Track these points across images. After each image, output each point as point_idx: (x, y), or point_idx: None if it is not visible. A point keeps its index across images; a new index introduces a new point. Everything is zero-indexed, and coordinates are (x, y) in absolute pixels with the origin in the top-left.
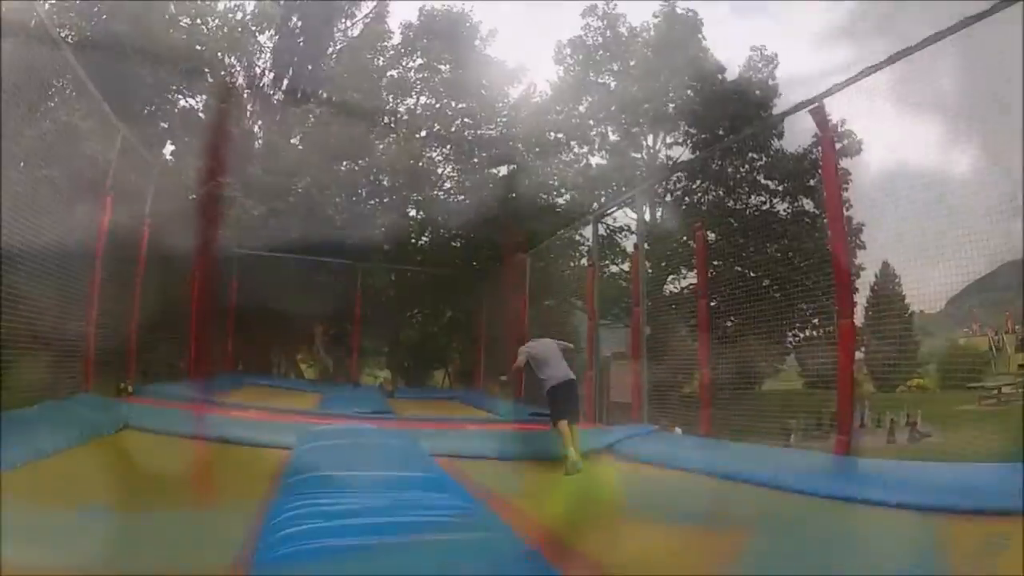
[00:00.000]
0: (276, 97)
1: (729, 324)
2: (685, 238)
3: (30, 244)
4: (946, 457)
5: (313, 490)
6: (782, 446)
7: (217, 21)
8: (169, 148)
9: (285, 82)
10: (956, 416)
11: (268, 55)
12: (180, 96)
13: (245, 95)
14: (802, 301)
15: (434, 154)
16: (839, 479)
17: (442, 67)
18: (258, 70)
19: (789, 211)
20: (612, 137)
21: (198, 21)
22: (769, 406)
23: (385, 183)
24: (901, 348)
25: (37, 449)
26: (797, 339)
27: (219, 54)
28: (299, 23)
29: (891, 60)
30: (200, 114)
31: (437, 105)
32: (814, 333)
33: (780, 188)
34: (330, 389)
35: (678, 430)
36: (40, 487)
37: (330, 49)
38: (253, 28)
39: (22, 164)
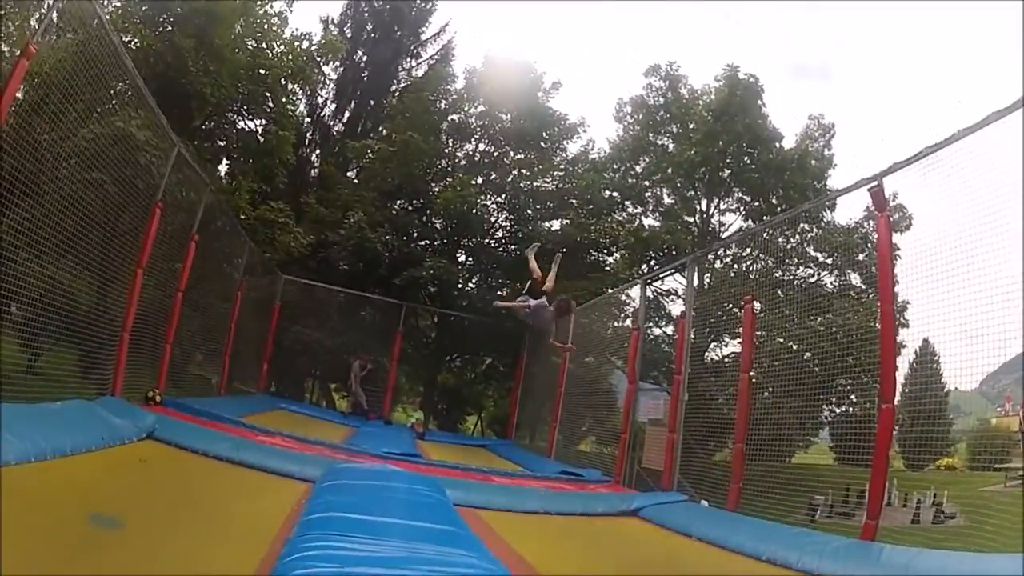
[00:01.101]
0: (336, 128)
1: (767, 395)
2: (731, 307)
3: (73, 241)
4: (969, 542)
5: (331, 531)
6: (808, 522)
7: (283, 47)
8: (224, 167)
9: (346, 115)
10: (981, 498)
11: (331, 86)
12: (239, 117)
13: (305, 123)
14: (841, 376)
15: (488, 201)
16: (867, 567)
17: (503, 116)
18: (320, 100)
19: (836, 285)
20: (667, 199)
21: (263, 45)
22: (798, 479)
23: (437, 225)
24: (934, 428)
25: (56, 448)
26: (833, 414)
27: (282, 80)
28: (364, 57)
29: (949, 141)
30: (259, 137)
31: (495, 153)
32: (850, 409)
33: (829, 261)
34: (361, 424)
35: (704, 503)
36: (53, 487)
37: (393, 87)
38: (318, 58)
39: (74, 161)
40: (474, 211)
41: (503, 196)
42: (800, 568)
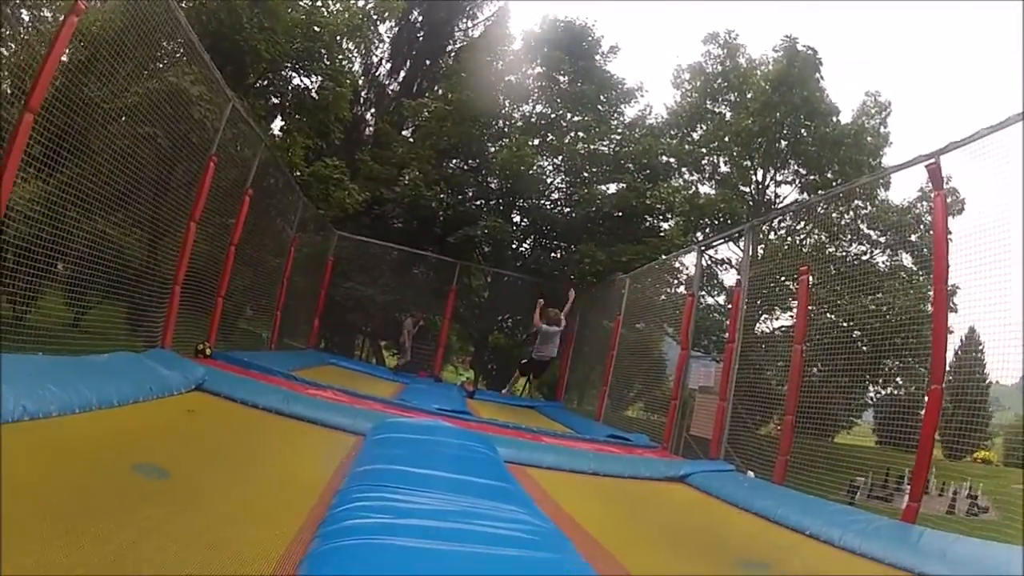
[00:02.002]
0: (391, 88)
1: (815, 371)
2: (783, 279)
3: (124, 196)
4: (1001, 536)
5: (383, 483)
6: (847, 502)
7: (339, 5)
8: (277, 124)
9: (401, 74)
10: (1014, 495)
11: (386, 46)
12: (294, 74)
13: (360, 81)
14: (889, 357)
15: (545, 163)
16: (906, 549)
17: (561, 78)
18: (375, 59)
19: (887, 264)
20: (722, 168)
21: (319, 3)
22: (841, 459)
23: (492, 185)
24: (975, 418)
25: (102, 398)
26: (878, 395)
27: (338, 37)
28: (419, 18)
29: (1008, 122)
30: (313, 94)
31: (552, 115)
32: (896, 392)
33: (882, 239)
34: (411, 380)
35: (751, 474)
36: (98, 437)
37: (449, 47)
38: (374, 16)
39: (124, 119)
40: (530, 172)
41: (560, 158)
42: (842, 545)
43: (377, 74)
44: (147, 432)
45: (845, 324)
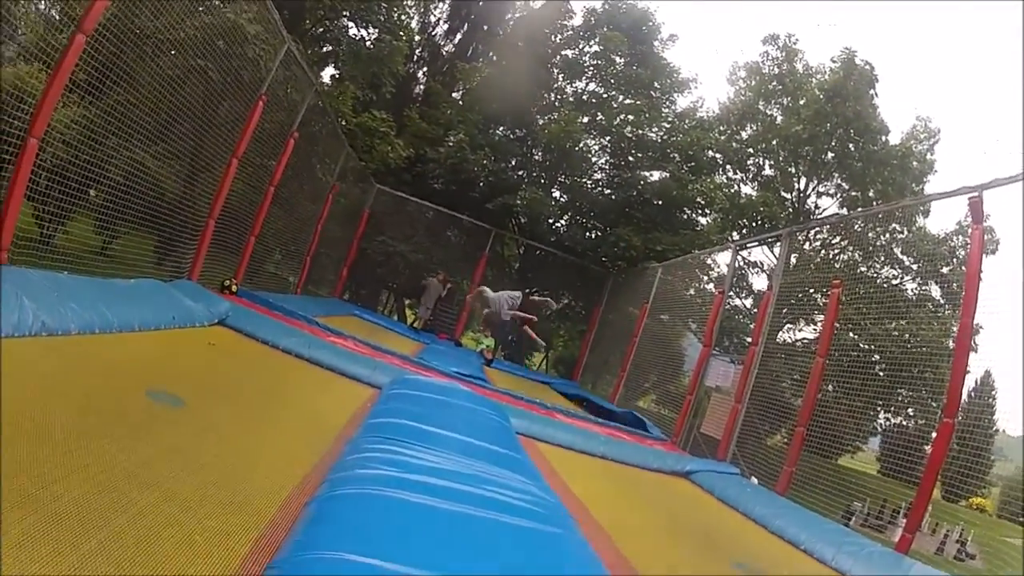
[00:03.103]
0: (446, 49)
1: (829, 389)
2: (812, 291)
3: (166, 128)
4: None
5: (396, 437)
6: (842, 526)
7: None
8: (329, 72)
9: (458, 37)
10: (1000, 546)
11: (446, 6)
12: (351, 24)
13: (416, 39)
14: (903, 387)
15: (592, 142)
16: None
17: (617, 59)
18: (432, 18)
19: (916, 293)
20: (767, 171)
21: None
22: (841, 482)
23: (537, 157)
24: (977, 463)
25: (123, 322)
26: (888, 423)
27: None
28: None
29: None
30: (369, 45)
31: (604, 95)
32: (905, 423)
33: (914, 267)
34: (431, 341)
35: (754, 480)
36: (116, 359)
37: (509, 16)
38: None
39: (173, 52)
40: (576, 148)
41: (607, 139)
42: (834, 565)
43: (433, 34)
44: (165, 360)
45: (865, 346)
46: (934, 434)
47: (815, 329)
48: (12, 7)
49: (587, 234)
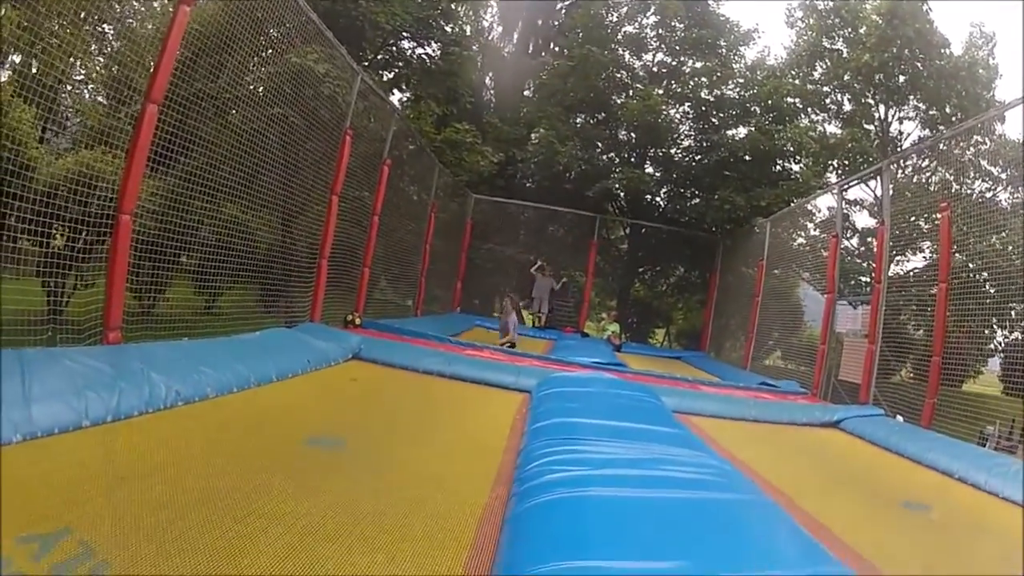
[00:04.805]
0: (506, 50)
1: (947, 314)
2: (913, 219)
3: (254, 174)
4: None
5: (566, 436)
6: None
7: None
8: (398, 96)
9: (515, 35)
10: None
11: (495, 9)
12: (413, 43)
13: (475, 48)
14: (1014, 300)
15: (673, 112)
16: None
17: (678, 24)
18: (484, 23)
19: (1010, 202)
20: (846, 106)
21: None
22: (971, 407)
23: (622, 137)
24: None
25: (260, 375)
26: (1005, 339)
27: (451, 3)
28: None
29: None
30: (436, 61)
31: (673, 63)
32: (1021, 336)
33: (1003, 176)
34: (559, 337)
35: (899, 418)
36: (263, 413)
37: (559, 6)
38: None
39: (245, 106)
40: (659, 121)
41: (687, 105)
42: (987, 488)
43: (490, 37)
44: (312, 404)
45: (973, 265)
46: None
47: (924, 257)
48: (57, 97)
49: (688, 203)
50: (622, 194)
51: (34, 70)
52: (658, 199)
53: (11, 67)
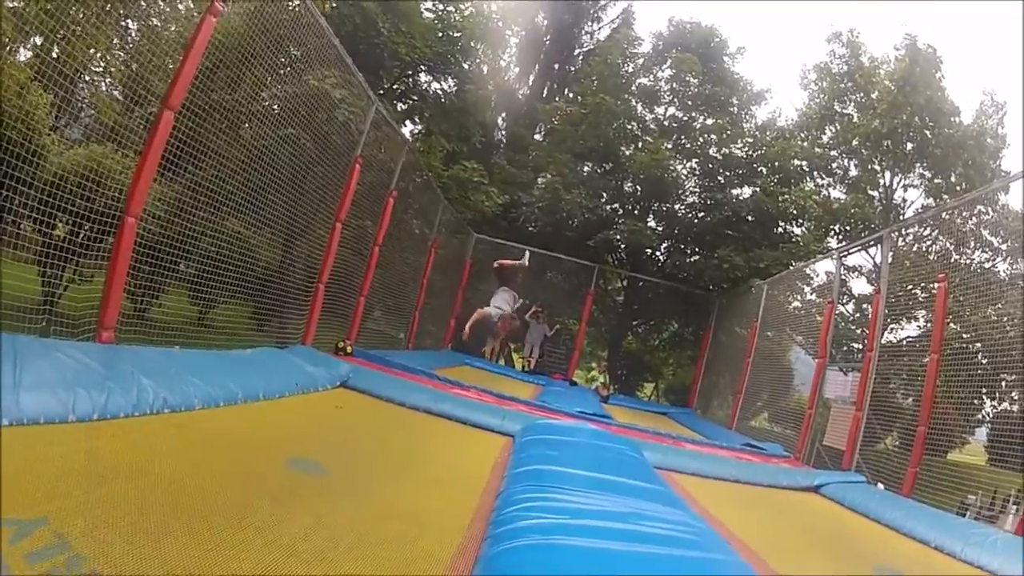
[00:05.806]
0: (521, 92)
1: (937, 384)
2: (911, 287)
3: (260, 191)
4: None
5: (545, 483)
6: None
7: (471, 9)
8: (409, 128)
9: (531, 78)
10: None
11: (513, 50)
12: (430, 77)
13: (490, 87)
14: (1005, 371)
15: (680, 166)
16: (1016, 562)
17: (691, 80)
18: (502, 63)
19: (1008, 273)
20: (852, 171)
21: (450, 8)
22: (953, 476)
23: (627, 189)
24: None
25: (247, 392)
26: (994, 410)
27: (471, 42)
28: (545, 21)
29: None
30: (451, 97)
31: (685, 118)
32: (1010, 408)
33: (1003, 247)
34: (547, 383)
35: (880, 486)
36: (247, 430)
37: (577, 51)
38: (499, 23)
39: (258, 124)
40: (666, 175)
41: (694, 161)
42: (963, 558)
43: (506, 78)
44: (297, 427)
45: (966, 336)
46: None
47: (918, 326)
48: (74, 88)
49: (687, 260)
50: (623, 246)
51: (54, 55)
52: (658, 253)
53: (32, 47)
